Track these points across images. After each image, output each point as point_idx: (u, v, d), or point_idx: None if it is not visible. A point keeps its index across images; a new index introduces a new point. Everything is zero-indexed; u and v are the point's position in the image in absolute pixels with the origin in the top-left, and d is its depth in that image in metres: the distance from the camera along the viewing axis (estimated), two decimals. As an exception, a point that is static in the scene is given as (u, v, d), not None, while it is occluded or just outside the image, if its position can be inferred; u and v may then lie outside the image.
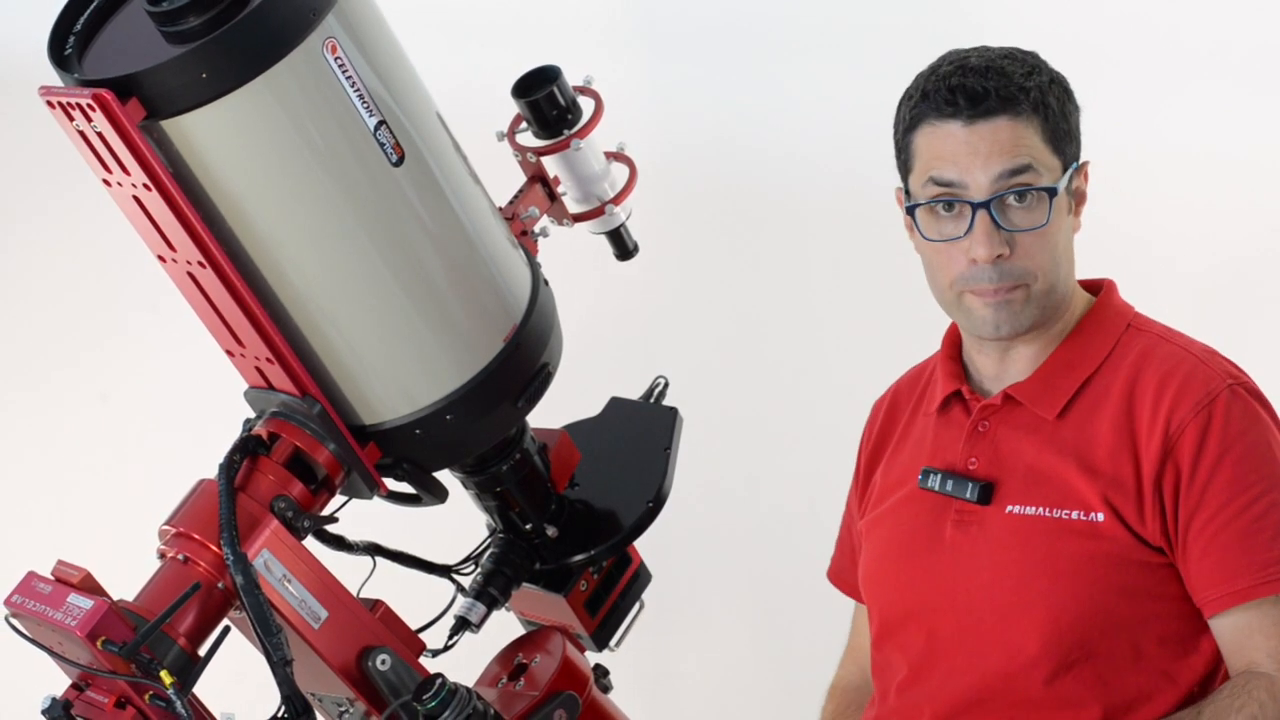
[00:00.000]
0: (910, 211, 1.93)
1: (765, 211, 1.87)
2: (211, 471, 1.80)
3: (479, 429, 1.90)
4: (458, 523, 2.19)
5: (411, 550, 2.08)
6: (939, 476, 1.96)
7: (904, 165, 1.95)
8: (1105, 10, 3.60)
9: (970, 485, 1.93)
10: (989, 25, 2.13)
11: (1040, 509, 1.88)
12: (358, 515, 1.96)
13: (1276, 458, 1.85)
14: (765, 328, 2.41)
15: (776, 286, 1.79)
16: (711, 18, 4.10)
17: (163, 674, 1.68)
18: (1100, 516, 1.84)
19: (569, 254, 2.15)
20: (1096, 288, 2.01)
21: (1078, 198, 1.93)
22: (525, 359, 1.89)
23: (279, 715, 1.76)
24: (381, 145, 1.75)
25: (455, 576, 2.10)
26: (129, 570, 1.83)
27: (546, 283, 1.98)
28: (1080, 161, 1.93)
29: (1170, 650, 1.86)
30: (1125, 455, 1.86)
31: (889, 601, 2.03)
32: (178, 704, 1.68)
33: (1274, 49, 3.65)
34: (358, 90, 1.72)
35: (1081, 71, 1.92)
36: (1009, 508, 1.91)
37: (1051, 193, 1.86)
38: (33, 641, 1.74)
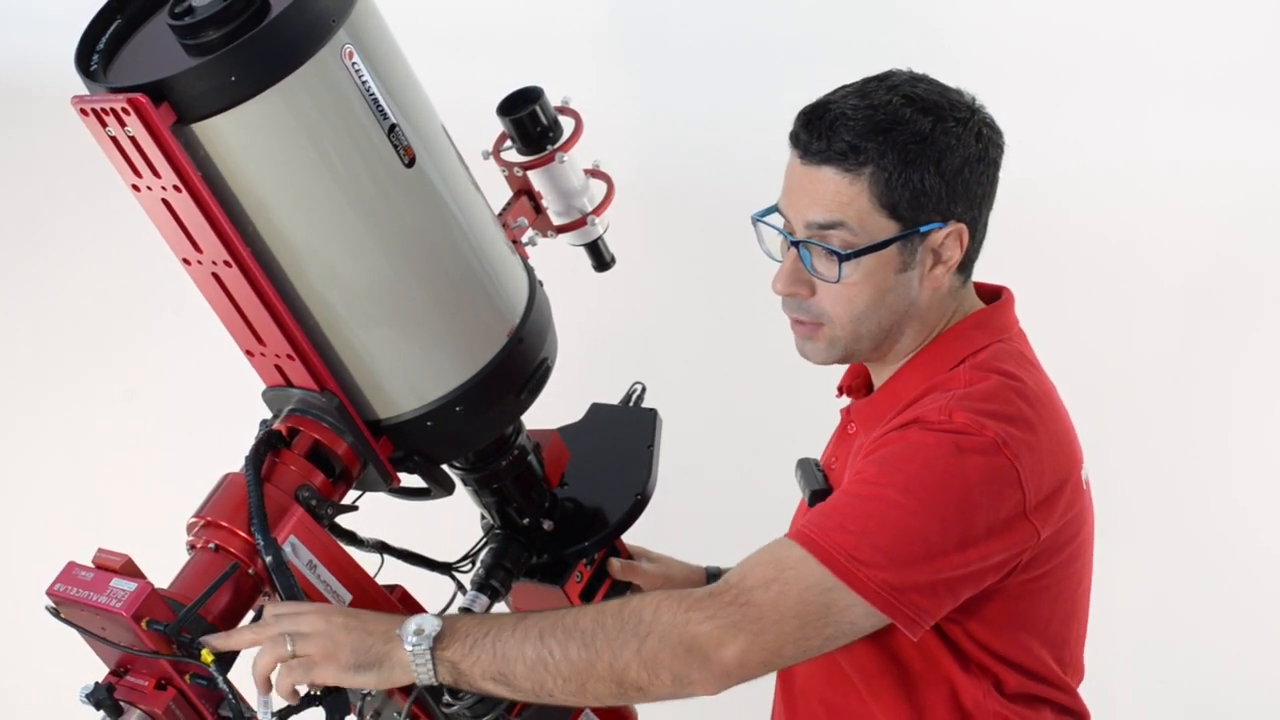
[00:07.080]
0: (754, 220, 1.92)
1: (740, 220, 1.97)
2: (232, 467, 1.85)
3: (485, 421, 1.98)
4: (456, 524, 2.27)
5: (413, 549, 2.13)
6: (800, 470, 2.01)
7: None
8: (1098, 33, 3.77)
9: (809, 493, 1.97)
10: (972, 41, 2.20)
11: None
12: (365, 516, 2.01)
13: (912, 469, 1.74)
14: (741, 331, 2.47)
15: (751, 291, 1.88)
16: (694, 35, 4.20)
17: (203, 653, 1.72)
18: None
19: (543, 269, 2.25)
20: (995, 295, 1.96)
21: (935, 258, 1.84)
22: (527, 353, 1.97)
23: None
24: (395, 147, 1.81)
25: (455, 574, 2.18)
26: (153, 561, 1.85)
27: (541, 284, 2.07)
28: (941, 225, 1.82)
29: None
30: None
31: None
32: (219, 680, 1.72)
33: (1248, 67, 3.87)
34: (372, 95, 1.79)
35: (1072, 86, 1.97)
36: None
37: (843, 256, 1.81)
38: (75, 626, 1.77)
